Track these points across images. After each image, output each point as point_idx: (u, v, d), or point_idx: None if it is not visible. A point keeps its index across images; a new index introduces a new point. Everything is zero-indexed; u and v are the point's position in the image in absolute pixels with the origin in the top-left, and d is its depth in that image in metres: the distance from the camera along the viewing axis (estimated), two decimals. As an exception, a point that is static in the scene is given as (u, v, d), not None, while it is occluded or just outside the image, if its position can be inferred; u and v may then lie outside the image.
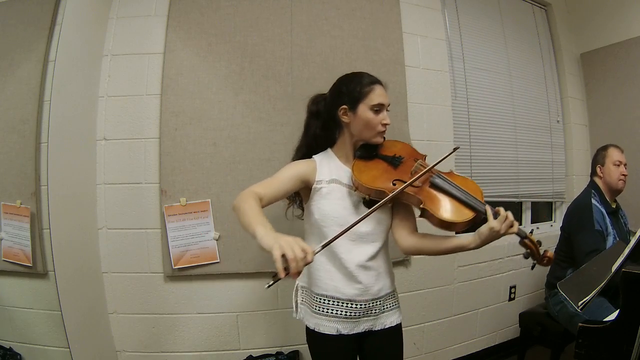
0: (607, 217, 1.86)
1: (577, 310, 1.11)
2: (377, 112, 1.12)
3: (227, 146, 1.75)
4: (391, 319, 1.21)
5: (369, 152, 1.18)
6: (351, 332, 1.15)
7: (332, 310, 1.14)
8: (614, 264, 1.11)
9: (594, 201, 1.88)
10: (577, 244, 1.80)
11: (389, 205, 1.17)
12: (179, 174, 1.72)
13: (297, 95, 1.80)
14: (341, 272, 1.13)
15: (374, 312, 1.17)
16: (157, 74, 1.75)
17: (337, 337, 1.14)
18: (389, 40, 1.98)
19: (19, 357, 1.46)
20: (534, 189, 2.57)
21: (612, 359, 1.04)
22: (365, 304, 1.15)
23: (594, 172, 2.02)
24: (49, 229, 1.42)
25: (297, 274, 0.80)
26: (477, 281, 2.22)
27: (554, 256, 2.05)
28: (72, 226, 1.57)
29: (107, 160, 1.74)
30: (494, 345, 2.34)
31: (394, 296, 1.24)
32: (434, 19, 2.16)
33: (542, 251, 1.10)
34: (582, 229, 1.81)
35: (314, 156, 1.21)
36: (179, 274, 1.72)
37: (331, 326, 1.14)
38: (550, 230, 2.66)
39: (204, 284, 1.75)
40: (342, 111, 1.14)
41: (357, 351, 1.22)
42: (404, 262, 1.98)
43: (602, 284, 1.07)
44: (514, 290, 2.38)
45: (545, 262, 1.10)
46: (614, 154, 1.97)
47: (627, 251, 1.12)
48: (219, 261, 1.72)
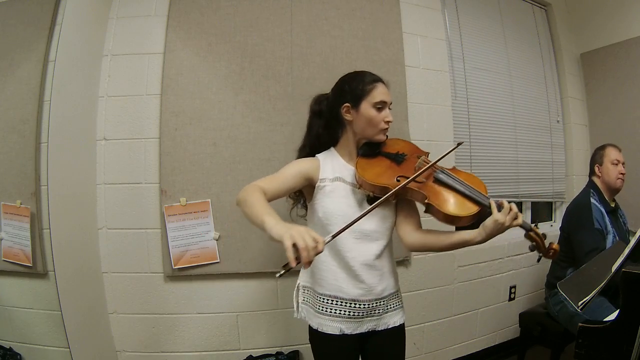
0: (607, 216, 1.86)
1: (577, 310, 1.11)
2: (379, 109, 1.13)
3: (227, 146, 1.75)
4: (394, 319, 1.21)
5: (372, 149, 1.18)
6: (354, 332, 1.15)
7: (336, 310, 1.14)
8: (614, 264, 1.11)
9: (593, 200, 1.88)
10: (577, 243, 1.81)
11: (392, 202, 1.17)
12: (179, 174, 1.72)
13: (297, 95, 1.81)
14: (345, 271, 1.13)
15: (378, 312, 1.17)
16: (157, 74, 1.76)
17: (340, 337, 1.13)
18: (389, 40, 1.98)
19: (19, 357, 1.46)
20: (534, 188, 2.57)
21: (612, 359, 1.04)
22: (368, 304, 1.15)
23: (592, 172, 2.03)
24: (49, 229, 1.42)
25: (309, 263, 0.80)
26: (477, 281, 2.22)
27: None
28: (72, 226, 1.57)
29: (107, 160, 1.74)
30: (494, 345, 2.34)
31: (397, 296, 1.24)
32: (434, 19, 2.16)
33: (547, 244, 1.10)
34: (582, 228, 1.81)
35: (317, 155, 1.21)
36: (179, 274, 1.72)
37: (334, 326, 1.13)
38: (550, 230, 2.66)
39: (204, 284, 1.75)
40: (344, 109, 1.15)
41: (360, 351, 1.22)
42: (404, 262, 1.98)
43: (602, 284, 1.07)
44: (514, 290, 2.38)
45: (551, 255, 1.10)
46: (611, 153, 1.97)
47: (627, 251, 1.12)
48: (219, 261, 1.72)
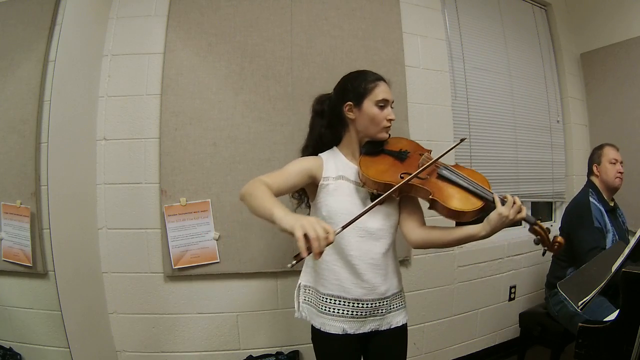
0: (606, 215, 1.87)
1: (577, 310, 1.11)
2: (381, 107, 1.14)
3: (227, 146, 1.75)
4: (397, 319, 1.20)
5: (375, 148, 1.18)
6: (357, 332, 1.15)
7: (339, 310, 1.14)
8: (614, 264, 1.11)
9: (592, 199, 1.89)
10: (577, 242, 1.80)
11: (396, 199, 1.17)
12: (179, 174, 1.72)
13: (297, 95, 1.81)
14: (348, 270, 1.13)
15: (381, 312, 1.17)
16: (157, 74, 1.75)
17: (342, 337, 1.13)
18: (389, 40, 1.98)
19: (19, 357, 1.46)
20: (534, 189, 2.57)
21: (612, 359, 1.04)
22: (372, 304, 1.14)
23: (590, 172, 2.03)
24: (49, 229, 1.42)
25: (320, 253, 0.81)
26: (477, 281, 2.22)
27: (554, 256, 2.06)
28: (72, 226, 1.57)
29: (107, 160, 1.74)
30: (494, 345, 2.34)
31: (400, 296, 1.24)
32: (434, 19, 2.16)
33: (551, 238, 1.11)
34: (582, 227, 1.81)
35: (320, 154, 1.21)
36: (179, 274, 1.72)
37: (337, 326, 1.13)
38: (550, 230, 2.66)
39: (204, 284, 1.75)
40: (347, 107, 1.16)
41: (362, 351, 1.21)
42: (404, 261, 1.98)
43: (602, 284, 1.07)
44: (514, 290, 2.38)
45: (555, 248, 1.10)
46: (609, 153, 1.98)
47: (627, 251, 1.12)
48: (219, 261, 1.72)
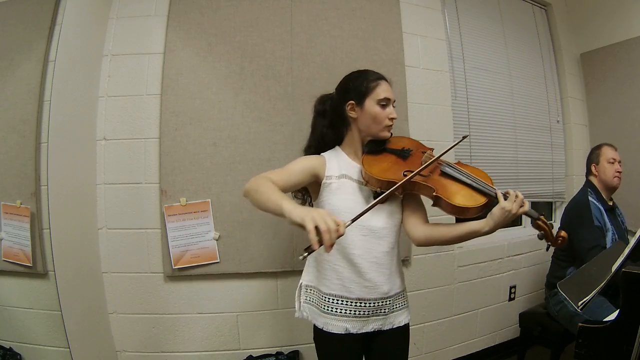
0: (605, 214, 1.87)
1: (577, 310, 1.11)
2: (383, 106, 1.14)
3: (227, 146, 1.75)
4: (400, 319, 1.20)
5: (378, 146, 1.19)
6: (360, 331, 1.14)
7: (341, 309, 1.13)
8: (614, 264, 1.11)
9: (591, 199, 1.89)
10: (577, 241, 1.80)
11: (399, 197, 1.18)
12: (179, 174, 1.72)
13: (297, 95, 1.81)
14: (351, 270, 1.13)
15: (384, 312, 1.17)
16: (157, 74, 1.75)
17: (345, 337, 1.13)
18: (389, 40, 1.98)
19: (19, 357, 1.46)
20: (534, 189, 2.57)
21: (612, 359, 1.04)
22: (374, 303, 1.14)
23: (589, 172, 2.04)
24: (49, 229, 1.42)
25: (331, 246, 0.81)
26: (477, 281, 2.22)
27: (553, 256, 2.06)
28: (72, 226, 1.57)
29: (107, 160, 1.73)
30: (494, 345, 2.34)
31: (403, 295, 1.24)
32: (434, 19, 2.16)
33: (554, 232, 1.11)
34: (582, 226, 1.82)
35: (322, 153, 1.21)
36: (179, 274, 1.72)
37: (340, 325, 1.13)
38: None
39: (204, 284, 1.75)
40: (349, 106, 1.16)
41: (364, 351, 1.21)
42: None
43: (602, 284, 1.07)
44: (514, 290, 2.38)
45: (559, 243, 1.10)
46: (607, 152, 1.98)
47: (627, 251, 1.12)
48: (219, 261, 1.72)
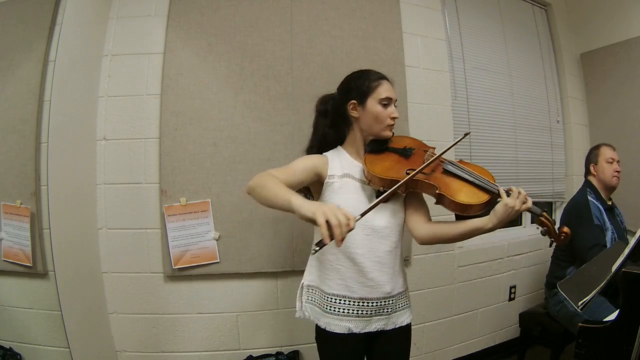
0: (604, 213, 1.87)
1: (577, 310, 1.11)
2: (385, 105, 1.15)
3: (227, 146, 1.75)
4: (402, 319, 1.20)
5: (380, 145, 1.19)
6: (362, 331, 1.14)
7: (344, 309, 1.13)
8: (614, 264, 1.11)
9: (590, 198, 1.90)
10: (577, 240, 1.80)
11: (402, 196, 1.18)
12: (179, 174, 1.72)
13: (297, 95, 1.81)
14: (353, 269, 1.12)
15: (387, 311, 1.16)
16: (157, 74, 1.75)
17: (347, 337, 1.13)
18: (389, 40, 1.98)
19: (19, 357, 1.46)
20: (534, 189, 2.57)
21: (612, 359, 1.04)
22: (377, 302, 1.14)
23: (587, 172, 2.05)
24: (49, 229, 1.42)
25: (342, 240, 0.82)
26: (477, 281, 2.22)
27: (553, 256, 2.06)
28: (72, 226, 1.57)
29: (107, 160, 1.73)
30: (494, 345, 2.34)
31: (405, 295, 1.24)
32: (434, 19, 2.16)
33: (557, 229, 1.12)
34: (582, 226, 1.82)
35: (324, 153, 1.21)
36: (179, 274, 1.72)
37: (343, 325, 1.13)
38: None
39: (204, 284, 1.75)
40: (351, 106, 1.17)
41: (366, 351, 1.21)
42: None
43: (602, 284, 1.07)
44: (514, 290, 2.38)
45: (562, 239, 1.11)
46: (606, 152, 1.99)
47: (627, 251, 1.12)
48: (219, 261, 1.72)
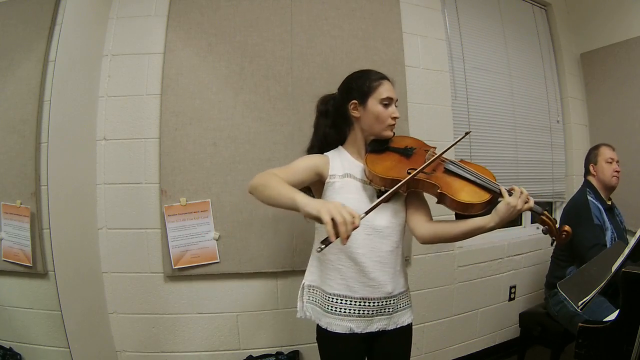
0: (604, 213, 1.88)
1: (577, 310, 1.11)
2: (386, 105, 1.15)
3: (227, 146, 1.75)
4: (403, 319, 1.20)
5: (381, 145, 1.19)
6: (364, 331, 1.14)
7: (346, 309, 1.13)
8: (614, 264, 1.11)
9: (590, 198, 1.90)
10: (578, 240, 1.79)
11: (403, 195, 1.18)
12: (179, 174, 1.72)
13: (297, 95, 1.81)
14: (354, 269, 1.12)
15: (388, 311, 1.16)
16: (157, 74, 1.75)
17: (349, 337, 1.13)
18: (389, 40, 1.98)
19: (19, 357, 1.46)
20: (534, 189, 2.57)
21: (612, 359, 1.04)
22: (379, 302, 1.14)
23: (587, 172, 2.05)
24: (49, 229, 1.42)
25: (347, 238, 0.82)
26: (477, 281, 2.22)
27: (553, 256, 2.06)
28: (72, 226, 1.57)
29: (107, 160, 1.73)
30: (494, 345, 2.34)
31: (407, 295, 1.24)
32: (434, 19, 2.16)
33: (558, 227, 1.12)
34: (582, 225, 1.82)
35: (325, 153, 1.21)
36: (179, 274, 1.72)
37: (344, 325, 1.12)
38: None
39: (204, 284, 1.75)
40: (352, 106, 1.17)
41: (367, 352, 1.21)
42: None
43: (602, 284, 1.07)
44: (514, 290, 2.38)
45: (563, 238, 1.12)
46: (605, 152, 2.00)
47: (627, 251, 1.12)
48: (219, 261, 1.72)
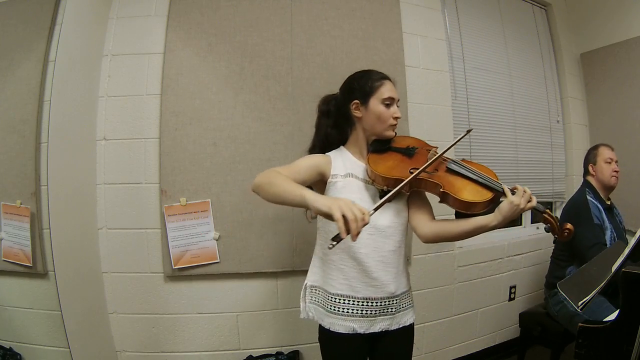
0: (604, 212, 1.88)
1: (577, 310, 1.11)
2: (387, 105, 1.15)
3: (227, 146, 1.75)
4: (405, 319, 1.20)
5: (383, 145, 1.19)
6: (367, 331, 1.14)
7: (348, 309, 1.13)
8: (614, 264, 1.11)
9: (589, 197, 1.90)
10: (578, 239, 1.79)
11: (406, 195, 1.18)
12: (179, 174, 1.72)
13: (297, 95, 1.81)
14: (357, 269, 1.12)
15: (391, 311, 1.16)
16: (157, 74, 1.76)
17: (351, 337, 1.12)
18: (389, 40, 1.98)
19: (19, 357, 1.46)
20: (534, 189, 2.51)
21: (612, 359, 1.04)
22: (382, 302, 1.14)
23: (586, 172, 2.05)
24: (49, 229, 1.42)
25: (357, 234, 0.82)
26: (477, 281, 2.22)
27: (552, 256, 2.07)
28: (72, 226, 1.57)
29: (107, 160, 1.74)
30: (494, 345, 2.34)
31: (409, 295, 1.24)
32: (434, 19, 2.16)
33: (560, 226, 1.13)
34: (581, 225, 1.81)
35: (327, 153, 1.21)
36: (179, 274, 1.72)
37: (347, 325, 1.12)
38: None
39: (204, 284, 1.75)
40: (354, 106, 1.17)
41: (369, 352, 1.21)
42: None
43: (602, 284, 1.07)
44: (514, 290, 2.38)
45: (566, 235, 1.12)
46: (605, 152, 2.00)
47: (627, 251, 1.12)
48: (219, 261, 1.72)
